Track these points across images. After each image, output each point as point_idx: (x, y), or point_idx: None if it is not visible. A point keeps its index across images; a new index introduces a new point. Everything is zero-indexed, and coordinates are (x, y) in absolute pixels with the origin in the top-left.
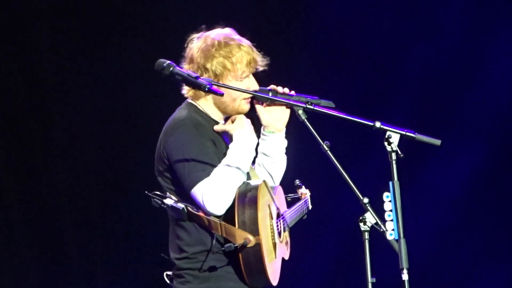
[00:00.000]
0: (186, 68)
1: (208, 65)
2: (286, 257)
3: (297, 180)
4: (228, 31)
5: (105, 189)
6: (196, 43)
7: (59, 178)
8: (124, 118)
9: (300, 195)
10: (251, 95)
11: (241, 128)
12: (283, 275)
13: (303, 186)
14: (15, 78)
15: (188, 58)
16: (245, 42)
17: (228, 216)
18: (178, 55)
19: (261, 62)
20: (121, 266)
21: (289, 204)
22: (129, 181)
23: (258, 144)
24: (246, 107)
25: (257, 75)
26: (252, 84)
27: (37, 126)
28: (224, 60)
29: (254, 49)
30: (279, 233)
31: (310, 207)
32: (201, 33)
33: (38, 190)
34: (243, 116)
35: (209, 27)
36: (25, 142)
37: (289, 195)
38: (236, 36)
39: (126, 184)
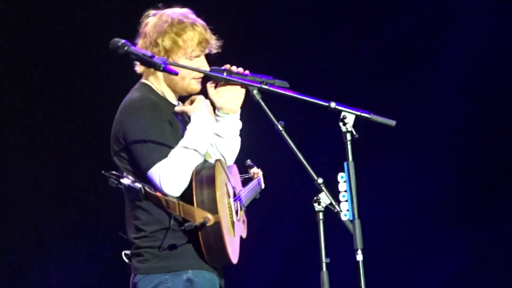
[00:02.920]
0: (139, 43)
1: (159, 40)
2: (244, 236)
3: (248, 160)
4: (184, 11)
5: (61, 167)
6: (152, 18)
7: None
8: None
9: (252, 174)
10: (200, 75)
11: (198, 109)
12: (241, 254)
13: (255, 166)
14: None
15: (142, 34)
16: (200, 22)
17: (186, 195)
18: (133, 34)
19: (214, 44)
20: (78, 246)
21: (242, 184)
22: (86, 159)
23: None
24: (196, 86)
25: (210, 57)
26: (203, 65)
27: None
28: (176, 36)
29: (208, 30)
30: (236, 212)
31: (263, 186)
32: (157, 10)
33: None
34: (201, 97)
35: (167, 6)
36: None
37: (242, 175)
38: (192, 16)
39: (81, 161)
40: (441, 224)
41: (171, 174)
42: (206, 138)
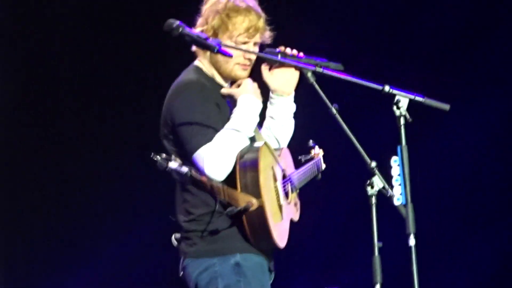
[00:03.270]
0: (198, 23)
1: (210, 19)
2: (296, 219)
3: (310, 141)
4: None
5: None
6: (212, 1)
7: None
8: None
9: (313, 155)
10: (246, 62)
11: (245, 92)
12: (293, 236)
13: (316, 146)
14: None
15: (201, 15)
16: (255, 10)
17: (231, 179)
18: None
19: (267, 34)
20: (127, 228)
21: (302, 165)
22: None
23: (266, 107)
24: (240, 72)
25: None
26: (249, 53)
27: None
28: (225, 17)
29: (262, 19)
30: (286, 195)
31: (324, 166)
32: None
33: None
34: (249, 80)
35: None
36: None
37: (303, 156)
38: (251, 2)
39: (132, 144)
40: (495, 206)
41: (215, 158)
42: (252, 121)
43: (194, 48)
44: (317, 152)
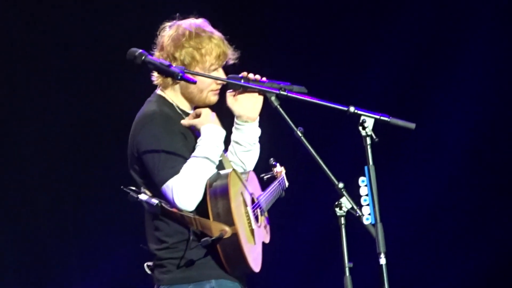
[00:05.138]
0: (156, 56)
1: (177, 54)
2: (267, 241)
3: (271, 159)
4: (200, 22)
5: (79, 179)
6: (168, 31)
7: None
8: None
9: (275, 174)
10: (218, 87)
11: (208, 121)
12: (264, 259)
13: (278, 164)
14: None
15: (159, 46)
16: (217, 35)
17: (202, 209)
18: (148, 44)
19: (232, 56)
20: (98, 257)
21: (265, 184)
22: (102, 174)
23: (231, 132)
24: (213, 98)
25: (227, 66)
26: (221, 77)
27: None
28: (194, 51)
29: (226, 42)
30: (256, 218)
31: (287, 184)
32: (174, 21)
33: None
34: (208, 110)
35: (183, 16)
36: None
37: (265, 174)
38: (208, 28)
39: (100, 175)
40: (464, 225)
41: (184, 190)
42: (218, 150)
43: (156, 80)
44: (279, 170)
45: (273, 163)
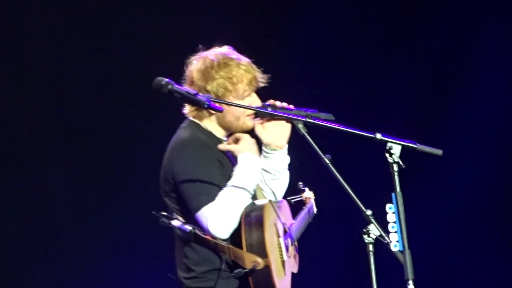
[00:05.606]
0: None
1: (209, 87)
2: (295, 271)
3: (300, 183)
4: (226, 50)
5: (106, 207)
6: (195, 64)
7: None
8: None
9: (304, 198)
10: (253, 112)
11: (246, 150)
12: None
13: (307, 189)
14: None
15: (188, 81)
16: (244, 60)
17: (235, 238)
18: (176, 73)
19: (262, 79)
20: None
21: (294, 208)
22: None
23: None
24: (251, 123)
25: (257, 92)
26: (255, 102)
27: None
28: (225, 81)
29: (254, 66)
30: (287, 249)
31: (315, 210)
32: (199, 53)
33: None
34: (247, 136)
35: (207, 47)
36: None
37: (293, 197)
38: (235, 55)
39: (127, 203)
40: (491, 250)
41: (219, 217)
42: (254, 179)
43: (189, 112)
44: (308, 196)
45: (302, 187)
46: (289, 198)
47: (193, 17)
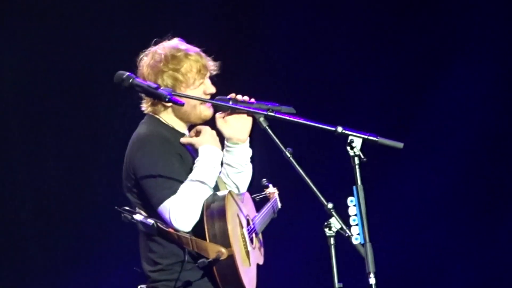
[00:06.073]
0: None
1: (160, 81)
2: (261, 262)
3: (264, 180)
4: (175, 42)
5: (72, 199)
6: (145, 60)
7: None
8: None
9: (268, 194)
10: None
11: (206, 142)
12: (258, 281)
13: (271, 185)
14: None
15: (140, 75)
16: (193, 50)
17: (198, 230)
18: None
19: (213, 66)
20: (93, 278)
21: (258, 204)
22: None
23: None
24: (208, 112)
25: (214, 82)
26: (208, 88)
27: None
28: (174, 72)
29: (203, 54)
30: (251, 240)
31: (280, 205)
32: (149, 49)
33: None
34: (208, 128)
35: (159, 41)
36: None
37: (257, 195)
38: (183, 46)
39: (93, 195)
40: (454, 243)
41: (180, 210)
42: (215, 171)
43: (146, 108)
44: (272, 191)
45: (266, 183)
46: (253, 196)
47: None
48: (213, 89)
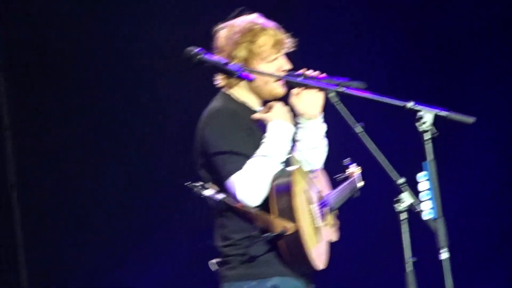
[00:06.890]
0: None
1: (235, 52)
2: (334, 239)
3: (345, 160)
4: (253, 17)
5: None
6: (222, 32)
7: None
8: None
9: (349, 174)
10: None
11: (276, 117)
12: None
13: (354, 164)
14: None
15: (216, 48)
16: (270, 25)
17: (266, 204)
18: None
19: (289, 43)
20: (159, 253)
21: (338, 184)
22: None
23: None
24: (280, 89)
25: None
26: (284, 64)
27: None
28: (250, 44)
29: (280, 30)
30: (322, 216)
31: (359, 184)
32: (226, 22)
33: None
34: (279, 104)
35: (236, 16)
36: None
37: (338, 175)
38: (261, 20)
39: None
40: None
41: (247, 185)
42: (283, 146)
43: (220, 82)
44: (353, 170)
45: (348, 163)
46: (335, 176)
47: None
48: (288, 66)
